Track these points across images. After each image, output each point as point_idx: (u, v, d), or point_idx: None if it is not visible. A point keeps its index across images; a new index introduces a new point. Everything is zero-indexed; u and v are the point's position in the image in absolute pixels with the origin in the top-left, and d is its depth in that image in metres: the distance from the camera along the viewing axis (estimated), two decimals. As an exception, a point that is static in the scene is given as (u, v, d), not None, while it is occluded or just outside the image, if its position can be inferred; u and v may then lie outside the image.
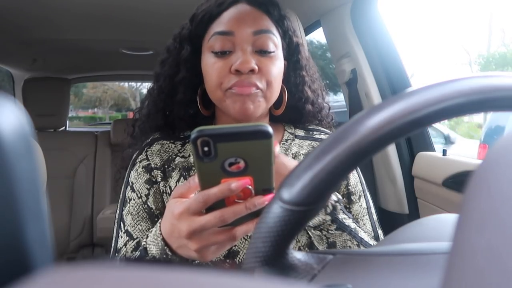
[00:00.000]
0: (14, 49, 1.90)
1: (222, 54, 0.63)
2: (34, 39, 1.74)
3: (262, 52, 0.63)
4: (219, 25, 0.64)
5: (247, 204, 0.42)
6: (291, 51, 0.71)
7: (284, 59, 0.70)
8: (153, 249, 0.52)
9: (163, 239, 0.49)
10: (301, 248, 0.65)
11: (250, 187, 0.41)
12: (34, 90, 2.17)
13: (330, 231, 0.61)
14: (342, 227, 0.61)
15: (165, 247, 0.49)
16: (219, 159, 0.39)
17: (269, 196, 0.42)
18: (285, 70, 0.70)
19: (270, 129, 0.38)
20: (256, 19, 0.64)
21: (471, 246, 0.17)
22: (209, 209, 0.42)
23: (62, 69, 2.43)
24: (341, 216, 0.61)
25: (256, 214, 0.43)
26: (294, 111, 0.74)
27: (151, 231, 0.54)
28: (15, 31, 1.60)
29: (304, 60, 0.74)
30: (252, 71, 0.61)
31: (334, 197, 0.61)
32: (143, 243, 0.55)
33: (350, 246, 0.62)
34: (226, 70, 0.62)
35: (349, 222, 0.62)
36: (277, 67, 0.65)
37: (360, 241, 0.62)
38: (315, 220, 0.60)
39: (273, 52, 0.64)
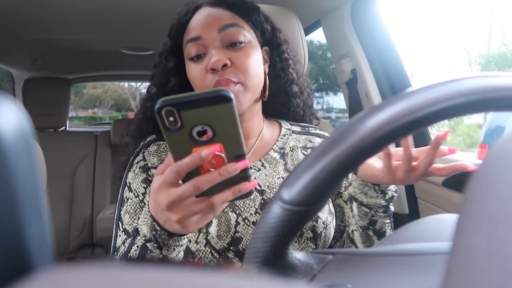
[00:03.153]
0: (14, 49, 1.89)
1: (197, 58, 0.67)
2: (34, 39, 1.74)
3: (233, 45, 0.66)
4: (189, 33, 0.68)
5: (220, 171, 0.42)
6: (268, 37, 0.74)
7: (264, 46, 0.73)
8: (144, 229, 0.53)
9: (151, 216, 0.51)
10: (306, 241, 0.67)
11: (222, 154, 0.42)
12: (34, 90, 2.16)
13: (378, 213, 0.68)
14: (388, 213, 0.69)
15: (154, 223, 0.50)
16: (186, 128, 0.40)
17: (242, 162, 0.43)
18: (269, 56, 0.74)
19: (230, 93, 0.39)
20: (219, 17, 0.67)
21: (471, 246, 0.17)
22: (186, 180, 0.43)
23: (62, 69, 2.43)
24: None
25: (233, 182, 0.44)
26: (282, 94, 0.78)
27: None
28: (15, 31, 1.60)
29: (284, 44, 0.77)
30: (225, 65, 0.63)
31: (393, 187, 0.68)
32: (135, 225, 0.56)
33: (385, 230, 0.69)
34: (203, 71, 0.65)
35: (392, 209, 0.69)
36: (252, 56, 0.67)
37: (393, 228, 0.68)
38: (371, 200, 0.67)
39: (243, 42, 0.66)
